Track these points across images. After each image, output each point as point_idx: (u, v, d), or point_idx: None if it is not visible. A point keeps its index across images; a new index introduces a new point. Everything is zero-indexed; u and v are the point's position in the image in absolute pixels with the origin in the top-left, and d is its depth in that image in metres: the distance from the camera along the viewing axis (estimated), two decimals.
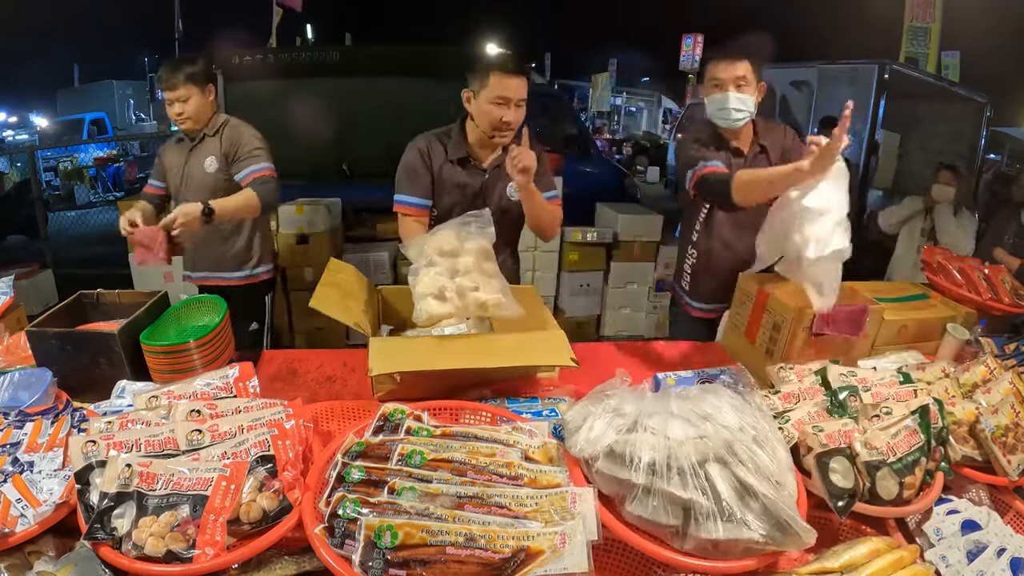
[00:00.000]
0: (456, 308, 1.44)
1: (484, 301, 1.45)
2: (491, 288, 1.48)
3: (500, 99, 1.75)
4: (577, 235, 4.01)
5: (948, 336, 1.83)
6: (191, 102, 2.20)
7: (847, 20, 13.68)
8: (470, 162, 1.89)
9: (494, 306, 1.46)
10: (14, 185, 7.69)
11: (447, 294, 1.44)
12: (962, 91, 5.84)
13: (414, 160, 1.88)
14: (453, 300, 1.44)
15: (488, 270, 1.51)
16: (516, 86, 1.74)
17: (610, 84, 20.20)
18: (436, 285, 1.44)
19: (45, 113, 17.21)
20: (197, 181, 2.27)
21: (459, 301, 1.44)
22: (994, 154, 8.11)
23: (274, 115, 4.39)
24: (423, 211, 1.89)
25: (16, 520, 0.99)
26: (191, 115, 2.22)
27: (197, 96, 2.21)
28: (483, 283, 1.47)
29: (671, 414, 1.04)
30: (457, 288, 1.45)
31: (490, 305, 1.46)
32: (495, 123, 1.78)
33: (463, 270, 1.47)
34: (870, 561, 1.04)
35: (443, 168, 1.88)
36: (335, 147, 4.50)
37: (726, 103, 1.85)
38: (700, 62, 16.15)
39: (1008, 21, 9.21)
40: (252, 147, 2.25)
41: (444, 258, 1.49)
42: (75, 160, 10.31)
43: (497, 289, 1.49)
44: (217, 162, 2.26)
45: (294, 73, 4.38)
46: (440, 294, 1.44)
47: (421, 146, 1.89)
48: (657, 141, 16.11)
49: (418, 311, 1.44)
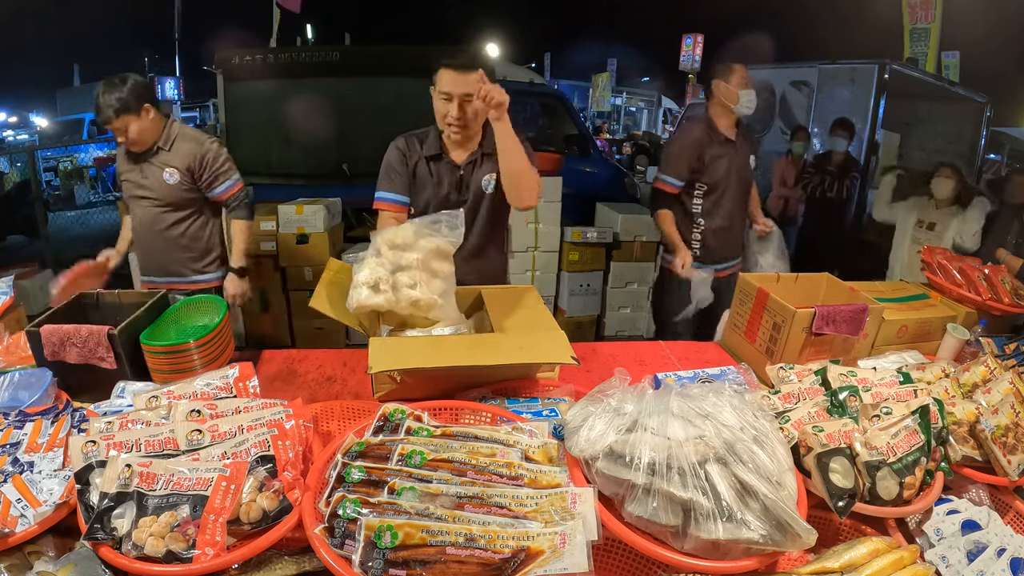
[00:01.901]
0: (387, 301, 1.42)
1: (417, 299, 1.43)
2: (431, 288, 1.46)
3: (443, 94, 1.76)
4: (577, 235, 4.00)
5: (948, 336, 1.83)
6: (132, 129, 2.12)
7: (847, 20, 13.68)
8: (443, 159, 1.90)
9: (427, 306, 1.45)
10: (14, 185, 7.68)
11: (381, 286, 1.42)
12: (962, 91, 5.84)
13: (392, 158, 1.91)
14: (386, 293, 1.42)
15: (437, 270, 1.50)
16: (457, 81, 1.72)
17: (610, 84, 20.20)
18: (373, 276, 1.43)
19: (45, 113, 17.21)
20: (155, 192, 2.24)
21: (392, 294, 1.43)
22: (994, 154, 8.10)
23: (274, 115, 4.41)
24: (400, 207, 1.91)
25: (16, 520, 0.99)
26: (136, 139, 2.15)
27: (135, 122, 2.12)
28: (424, 281, 1.46)
29: (671, 414, 1.04)
30: (392, 282, 1.44)
31: (423, 304, 1.45)
32: (441, 118, 1.80)
33: (405, 265, 1.46)
34: (870, 561, 1.04)
35: (418, 165, 1.91)
36: (335, 147, 4.50)
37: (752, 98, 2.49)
38: (702, 61, 16.17)
39: (1008, 21, 9.21)
40: (219, 162, 2.27)
41: (391, 250, 1.47)
42: (75, 160, 10.30)
43: (437, 290, 1.48)
44: (179, 175, 2.23)
45: (294, 73, 4.39)
46: (375, 284, 1.42)
47: (400, 144, 1.93)
48: (657, 141, 16.10)
49: (349, 299, 1.44)
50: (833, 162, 4.62)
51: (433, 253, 1.49)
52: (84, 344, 1.42)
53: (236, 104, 4.43)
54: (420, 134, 1.94)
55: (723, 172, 2.54)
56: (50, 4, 21.22)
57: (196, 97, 17.80)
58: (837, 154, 4.59)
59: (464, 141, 1.89)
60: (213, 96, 6.90)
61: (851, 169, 4.61)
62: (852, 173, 4.61)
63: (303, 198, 3.87)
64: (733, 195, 2.57)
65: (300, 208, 3.68)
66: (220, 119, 4.55)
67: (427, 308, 1.47)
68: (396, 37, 30.33)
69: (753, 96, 2.48)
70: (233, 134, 4.41)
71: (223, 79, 4.35)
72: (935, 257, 2.13)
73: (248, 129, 4.43)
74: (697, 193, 2.58)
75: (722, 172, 2.54)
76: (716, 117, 2.55)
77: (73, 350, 1.42)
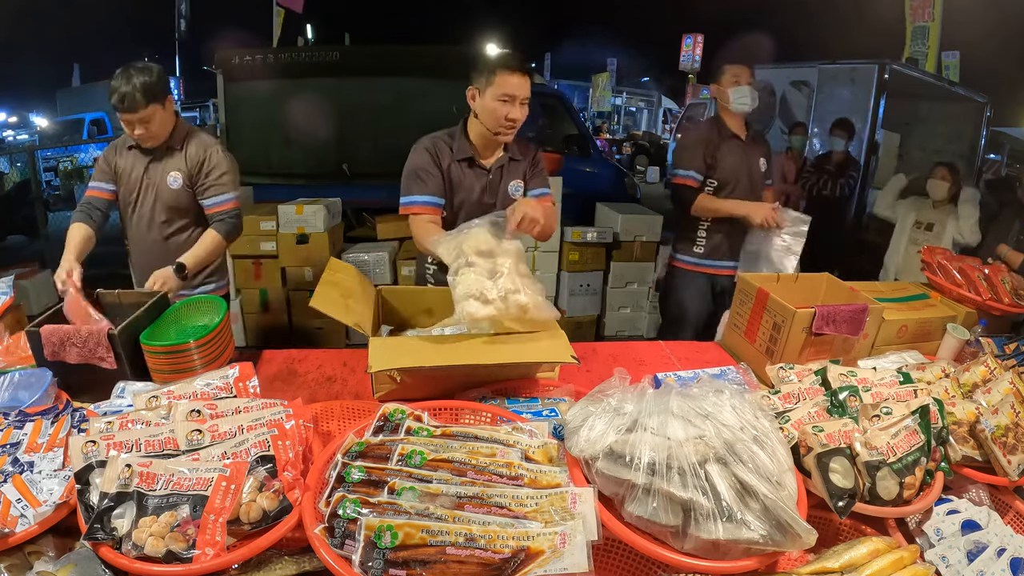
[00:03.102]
0: (498, 310, 1.40)
1: (525, 304, 1.41)
2: (530, 291, 1.44)
3: (506, 96, 1.77)
4: (577, 235, 4.00)
5: (948, 336, 1.83)
6: (155, 121, 1.94)
7: (847, 20, 13.68)
8: (475, 162, 1.91)
9: (534, 308, 1.43)
10: (14, 185, 7.67)
11: (489, 296, 1.39)
12: (962, 91, 5.84)
13: (423, 160, 1.88)
14: (495, 303, 1.39)
15: (524, 272, 1.49)
16: (521, 84, 1.77)
17: (610, 84, 20.22)
18: (478, 287, 1.40)
19: (45, 113, 17.19)
20: (159, 195, 2.09)
21: (501, 304, 1.40)
22: (994, 154, 8.10)
23: (274, 115, 4.40)
24: (437, 209, 1.88)
25: (16, 520, 0.99)
26: (155, 134, 1.98)
27: (160, 113, 1.95)
28: (522, 285, 1.44)
29: (671, 414, 1.04)
30: (500, 290, 1.41)
31: (530, 308, 1.42)
32: (500, 120, 1.80)
33: (500, 271, 1.44)
34: (870, 561, 1.04)
35: (451, 168, 1.90)
36: (335, 147, 4.50)
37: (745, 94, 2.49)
38: (702, 61, 16.18)
39: (1008, 21, 9.20)
40: (220, 172, 2.08)
41: (482, 258, 1.45)
42: (75, 160, 10.29)
43: (537, 292, 1.46)
44: (183, 178, 2.07)
45: (294, 73, 4.39)
46: (482, 296, 1.39)
47: (428, 146, 1.90)
48: (657, 141, 16.12)
49: (459, 312, 1.41)
50: (833, 162, 4.63)
51: (516, 256, 1.48)
52: (84, 344, 1.42)
53: (236, 104, 4.43)
54: (446, 136, 1.92)
55: (732, 170, 2.55)
56: (51, 4, 21.25)
57: (196, 97, 17.82)
58: (837, 154, 4.60)
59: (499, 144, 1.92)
60: (213, 96, 6.89)
61: (851, 169, 4.62)
62: (851, 173, 4.62)
63: (303, 198, 3.87)
64: (743, 194, 2.56)
65: (300, 208, 3.68)
66: (220, 119, 4.55)
67: (535, 310, 1.43)
68: (396, 37, 30.39)
69: (745, 92, 2.47)
70: (233, 134, 4.41)
71: (223, 79, 4.35)
72: (935, 257, 2.13)
73: (248, 129, 4.43)
74: (708, 191, 2.58)
75: (731, 170, 2.55)
76: (724, 117, 2.59)
77: (73, 350, 1.42)
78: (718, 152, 2.54)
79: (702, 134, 2.61)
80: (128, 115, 1.90)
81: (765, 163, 2.63)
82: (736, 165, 2.54)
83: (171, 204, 2.10)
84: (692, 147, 2.59)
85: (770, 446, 1.03)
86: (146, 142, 2.01)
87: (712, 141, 2.54)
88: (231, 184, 2.12)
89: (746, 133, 2.59)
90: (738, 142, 2.56)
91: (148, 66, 1.91)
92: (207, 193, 2.09)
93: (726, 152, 2.54)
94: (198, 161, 2.07)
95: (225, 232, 2.07)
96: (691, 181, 2.55)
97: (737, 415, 1.05)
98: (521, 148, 1.99)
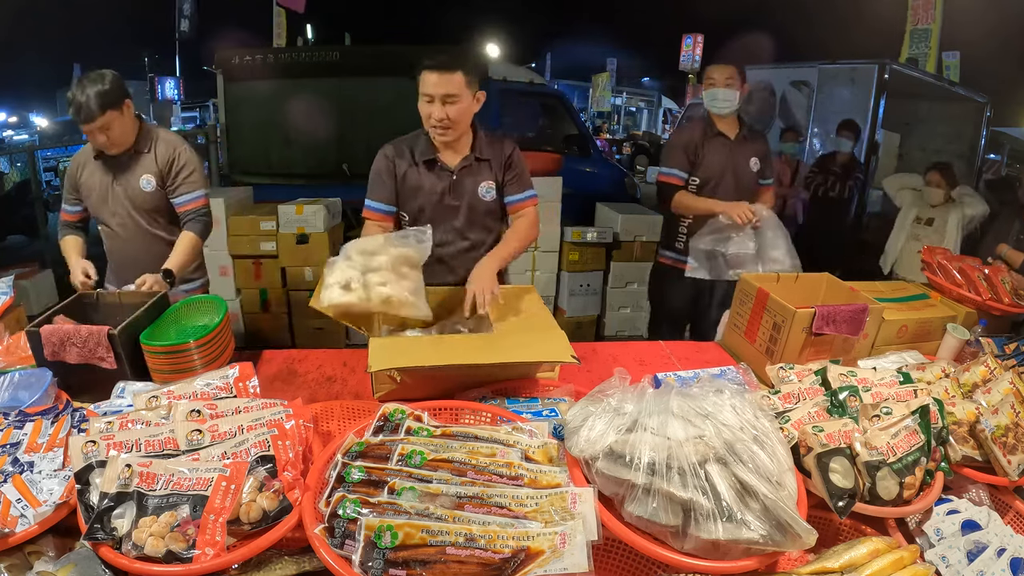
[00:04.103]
0: (359, 299, 1.45)
1: (388, 296, 1.46)
2: (400, 287, 1.49)
3: (426, 95, 1.74)
4: (577, 235, 4.00)
5: (948, 336, 1.83)
6: (115, 127, 1.96)
7: (847, 20, 13.67)
8: (437, 164, 1.87)
9: (399, 302, 1.48)
10: (14, 185, 7.66)
11: (353, 285, 1.46)
12: (962, 91, 5.85)
13: (379, 166, 1.88)
14: (358, 291, 1.45)
15: (404, 273, 1.53)
16: (439, 82, 1.71)
17: (610, 84, 20.20)
18: (344, 276, 1.46)
19: (45, 113, 17.23)
20: (133, 200, 2.09)
21: (363, 292, 1.45)
22: (994, 154, 8.10)
23: (274, 115, 4.41)
24: (385, 216, 1.89)
25: (16, 520, 0.99)
26: (117, 140, 1.99)
27: (118, 119, 1.96)
28: (393, 281, 1.49)
29: (671, 414, 1.04)
30: (364, 281, 1.47)
31: (394, 300, 1.47)
32: (427, 120, 1.78)
33: (375, 267, 1.49)
34: (870, 561, 1.04)
35: (408, 172, 1.87)
36: (335, 147, 4.51)
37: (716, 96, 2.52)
38: (702, 61, 16.19)
39: (1008, 21, 9.20)
40: (190, 170, 2.12)
41: (361, 256, 1.51)
42: None
43: (407, 289, 1.50)
44: (155, 180, 2.08)
45: (294, 73, 4.39)
46: (346, 284, 1.46)
47: (388, 152, 1.89)
48: (657, 141, 16.12)
49: (320, 298, 1.47)
50: (837, 163, 4.61)
51: (402, 259, 1.52)
52: (84, 344, 1.42)
53: (236, 104, 4.44)
54: (410, 139, 1.91)
55: (716, 168, 2.56)
56: (51, 4, 21.22)
57: (196, 97, 17.83)
58: (842, 155, 4.58)
59: (453, 143, 1.86)
60: (213, 96, 6.90)
61: (854, 170, 4.61)
62: (855, 174, 4.61)
63: (303, 198, 3.87)
64: (726, 193, 2.55)
65: (300, 208, 3.68)
66: (220, 119, 4.56)
67: (399, 305, 1.48)
68: (396, 37, 30.35)
69: (717, 94, 2.50)
70: (233, 134, 4.42)
71: (223, 79, 4.36)
72: (935, 257, 2.13)
73: (248, 129, 4.44)
74: (691, 188, 2.60)
75: (715, 168, 2.56)
76: (712, 117, 2.61)
77: (73, 350, 1.42)
78: (701, 150, 2.57)
79: (688, 133, 2.65)
80: (86, 125, 1.92)
81: (758, 162, 2.63)
82: (720, 163, 2.56)
83: (146, 207, 2.12)
84: (677, 146, 2.64)
85: (770, 446, 1.03)
86: (110, 149, 2.03)
87: (696, 140, 2.58)
88: (200, 181, 2.16)
89: (737, 132, 2.60)
90: (724, 140, 2.57)
91: (102, 73, 1.92)
92: (178, 191, 2.12)
93: (710, 150, 2.57)
94: (168, 160, 2.10)
95: (199, 231, 2.11)
96: (674, 179, 2.60)
97: (737, 415, 1.05)
98: (492, 146, 1.90)
